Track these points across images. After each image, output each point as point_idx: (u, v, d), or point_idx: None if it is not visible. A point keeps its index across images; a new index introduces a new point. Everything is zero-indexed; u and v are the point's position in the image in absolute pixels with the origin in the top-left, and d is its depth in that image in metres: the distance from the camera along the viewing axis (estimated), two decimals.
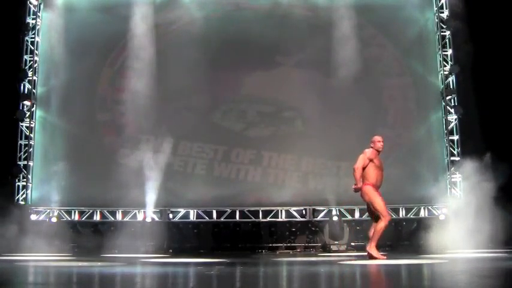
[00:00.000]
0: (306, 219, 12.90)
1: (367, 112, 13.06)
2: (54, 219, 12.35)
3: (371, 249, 8.02)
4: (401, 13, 13.61)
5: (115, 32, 13.21)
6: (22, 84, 13.08)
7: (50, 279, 5.68)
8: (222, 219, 12.96)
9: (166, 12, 13.52)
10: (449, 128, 13.19)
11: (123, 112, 12.97)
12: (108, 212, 12.92)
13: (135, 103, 12.51)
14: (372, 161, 8.09)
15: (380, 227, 7.97)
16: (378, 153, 8.22)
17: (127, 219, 12.83)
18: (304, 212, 12.96)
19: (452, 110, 13.17)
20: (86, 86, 13.33)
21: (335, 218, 12.35)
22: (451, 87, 13.27)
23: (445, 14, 13.50)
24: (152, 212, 12.58)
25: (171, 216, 12.89)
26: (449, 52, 13.48)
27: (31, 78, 13.20)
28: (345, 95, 12.71)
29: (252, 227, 12.99)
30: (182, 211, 12.96)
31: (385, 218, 7.96)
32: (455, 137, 13.19)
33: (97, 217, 12.95)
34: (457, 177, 12.86)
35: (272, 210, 12.96)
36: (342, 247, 11.93)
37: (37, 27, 13.42)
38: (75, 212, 12.95)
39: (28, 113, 13.06)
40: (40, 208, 12.90)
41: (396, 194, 12.16)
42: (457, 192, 12.83)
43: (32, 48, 13.34)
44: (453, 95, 13.21)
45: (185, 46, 12.79)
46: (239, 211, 12.94)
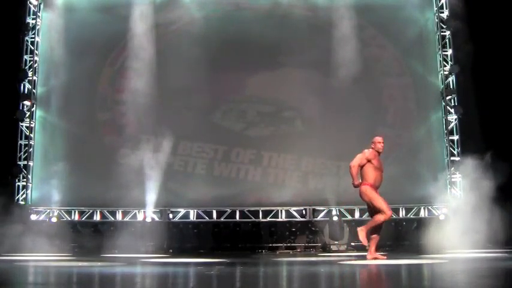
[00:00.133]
0: (306, 219, 12.90)
1: (367, 112, 13.06)
2: (54, 219, 12.35)
3: (360, 231, 8.04)
4: (401, 13, 13.60)
5: (115, 32, 13.21)
6: (22, 84, 13.08)
7: (50, 279, 5.68)
8: (222, 219, 12.96)
9: (166, 12, 13.52)
10: (449, 128, 13.19)
11: (123, 112, 12.97)
12: (108, 212, 12.92)
13: (135, 103, 12.52)
14: (371, 162, 8.08)
15: (378, 218, 7.98)
16: (378, 154, 8.21)
17: (127, 219, 12.84)
18: (304, 212, 12.96)
19: (452, 110, 13.17)
20: (86, 86, 13.33)
21: (335, 218, 12.35)
22: (451, 87, 13.27)
23: (445, 14, 13.50)
24: (152, 212, 12.58)
25: (171, 216, 12.89)
26: (449, 52, 13.48)
27: (31, 78, 13.20)
28: (345, 95, 12.72)
29: (252, 227, 12.99)
30: (182, 211, 12.96)
31: (386, 214, 7.95)
32: (455, 137, 13.19)
33: (97, 217, 12.96)
34: (457, 177, 12.87)
35: (272, 210, 12.96)
36: (342, 247, 11.93)
37: (37, 27, 13.42)
38: (75, 212, 12.95)
39: (28, 113, 13.06)
40: (40, 208, 12.89)
41: (396, 194, 12.15)
42: (457, 192, 12.83)
43: (32, 48, 13.34)
44: (453, 95, 13.21)
45: (185, 46, 12.79)
46: (239, 211, 12.94)
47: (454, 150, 13.13)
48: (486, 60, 11.80)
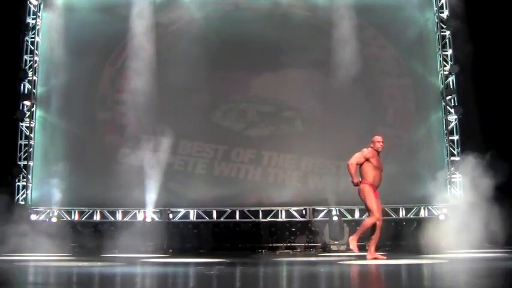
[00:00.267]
0: (306, 219, 12.90)
1: (367, 112, 13.07)
2: (54, 219, 12.35)
3: (351, 241, 8.05)
4: (401, 13, 13.60)
5: (115, 32, 13.21)
6: (22, 84, 13.08)
7: (50, 279, 5.68)
8: (222, 219, 12.96)
9: (166, 12, 13.53)
10: (449, 128, 13.19)
11: (123, 112, 12.98)
12: (108, 212, 12.92)
13: (136, 103, 12.52)
14: (369, 161, 8.08)
15: (367, 222, 8.02)
16: (378, 153, 8.22)
17: (127, 219, 12.84)
18: (304, 212, 12.96)
19: (452, 110, 13.17)
20: (86, 86, 13.33)
21: (335, 218, 12.35)
22: (451, 87, 13.27)
23: (445, 14, 13.50)
24: (152, 212, 12.58)
25: (171, 216, 12.89)
26: (449, 52, 13.48)
27: (31, 78, 13.20)
28: (345, 95, 12.73)
29: (252, 227, 12.99)
30: (182, 211, 12.96)
31: (374, 217, 7.98)
32: (455, 137, 13.19)
33: (97, 217, 12.96)
34: (457, 177, 12.87)
35: (272, 210, 12.96)
36: (342, 247, 11.92)
37: (37, 27, 13.42)
38: (75, 212, 12.95)
39: (28, 113, 13.06)
40: (40, 208, 12.89)
41: (396, 194, 12.18)
42: (457, 192, 12.84)
43: (32, 48, 13.34)
44: (453, 95, 13.21)
45: (185, 46, 12.78)
46: (239, 211, 12.94)
47: (454, 150, 13.13)
48: (486, 60, 11.80)
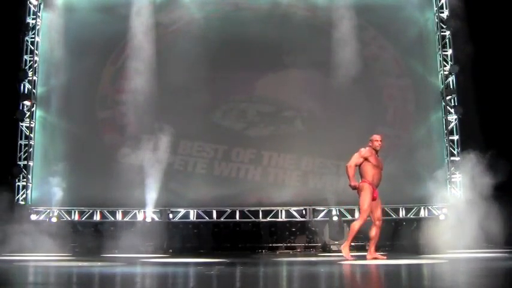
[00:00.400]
0: (306, 219, 12.90)
1: (367, 112, 13.07)
2: (54, 219, 12.35)
3: (344, 248, 8.05)
4: (401, 13, 13.60)
5: (115, 32, 13.21)
6: (22, 84, 13.08)
7: (50, 279, 5.68)
8: (222, 219, 12.96)
9: (166, 12, 13.54)
10: (449, 128, 13.19)
11: (123, 112, 12.97)
12: (108, 212, 12.92)
13: (136, 102, 12.52)
14: (368, 160, 8.08)
15: (353, 226, 8.02)
16: (376, 152, 8.21)
17: (127, 219, 12.84)
18: (304, 212, 12.96)
19: (452, 110, 13.17)
20: (86, 86, 13.33)
21: (335, 218, 12.35)
22: (451, 87, 13.27)
23: (445, 14, 13.50)
24: (152, 212, 12.58)
25: (171, 216, 12.89)
26: (449, 52, 13.48)
27: (31, 78, 13.20)
28: (345, 95, 12.74)
29: (252, 227, 12.99)
30: (182, 211, 12.96)
31: (361, 218, 8.01)
32: (455, 137, 13.19)
33: (97, 217, 12.95)
34: (457, 177, 12.87)
35: (272, 210, 12.96)
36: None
37: (37, 27, 13.42)
38: (75, 212, 12.95)
39: (28, 113, 13.06)
40: (40, 208, 12.89)
41: (396, 194, 12.18)
42: (457, 192, 12.84)
43: (32, 48, 13.34)
44: (453, 95, 13.21)
45: (185, 46, 12.79)
46: (239, 211, 12.94)
47: (454, 150, 13.13)
48: (486, 60, 11.79)
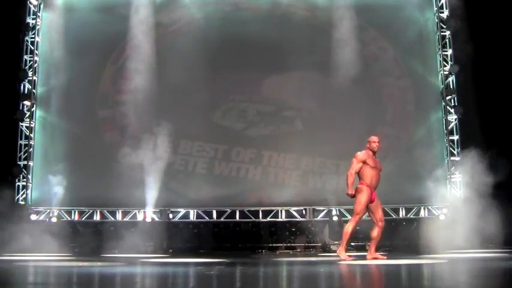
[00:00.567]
0: (306, 219, 12.89)
1: (366, 112, 13.07)
2: (54, 219, 12.36)
3: (340, 252, 8.04)
4: (401, 13, 13.60)
5: (115, 32, 13.21)
6: (22, 84, 13.08)
7: (50, 279, 5.68)
8: (222, 219, 12.96)
9: (166, 12, 13.54)
10: (449, 128, 13.19)
11: (123, 111, 12.98)
12: (108, 212, 12.91)
13: (136, 102, 12.52)
14: (365, 162, 8.06)
15: (347, 229, 8.07)
16: (374, 153, 8.18)
17: (127, 219, 12.83)
18: (304, 212, 12.96)
19: (452, 110, 13.17)
20: (86, 86, 13.33)
21: (335, 218, 12.35)
22: (451, 87, 13.27)
23: (445, 14, 13.50)
24: (152, 212, 12.58)
25: (171, 216, 12.89)
26: (449, 52, 13.48)
27: (31, 78, 13.20)
28: (345, 95, 12.74)
29: (252, 227, 12.99)
30: (182, 211, 12.96)
31: (354, 221, 8.05)
32: (455, 137, 13.19)
33: (97, 217, 12.95)
34: (457, 177, 12.87)
35: (272, 210, 12.96)
36: None
37: (37, 27, 13.42)
38: (75, 212, 12.94)
39: (28, 113, 13.06)
40: (40, 208, 12.89)
41: (396, 194, 12.19)
42: (457, 192, 12.83)
43: (32, 48, 13.34)
44: (453, 95, 13.21)
45: (185, 46, 12.78)
46: (239, 211, 12.94)
47: (454, 150, 13.13)
48: (486, 60, 11.80)
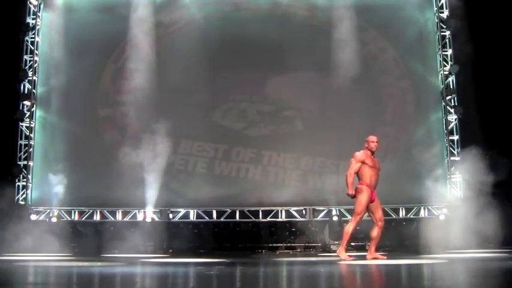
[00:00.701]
0: (306, 219, 12.89)
1: (366, 112, 13.07)
2: (54, 219, 12.36)
3: (340, 252, 8.03)
4: (401, 13, 13.61)
5: (115, 32, 13.21)
6: (22, 84, 13.08)
7: (50, 279, 5.68)
8: (222, 219, 12.96)
9: (166, 12, 13.54)
10: (449, 128, 13.19)
11: (124, 111, 12.99)
12: (108, 212, 12.91)
13: (136, 102, 12.52)
14: (364, 162, 8.06)
15: (347, 230, 8.07)
16: (372, 153, 8.18)
17: (127, 219, 12.83)
18: (304, 212, 12.95)
19: (452, 110, 13.17)
20: (86, 86, 13.34)
21: (335, 218, 12.35)
22: (451, 87, 13.27)
23: (445, 14, 13.50)
24: (152, 212, 12.57)
25: (171, 216, 12.89)
26: (449, 52, 13.48)
27: (31, 78, 13.20)
28: (345, 95, 12.74)
29: (252, 227, 12.98)
30: (182, 211, 12.96)
31: (354, 221, 8.06)
32: (455, 137, 13.19)
33: (97, 217, 12.95)
34: (457, 177, 12.86)
35: (272, 210, 12.96)
36: None
37: (37, 27, 13.42)
38: (75, 212, 12.94)
39: (28, 113, 13.06)
40: (40, 208, 12.89)
41: (396, 194, 12.19)
42: (457, 192, 12.83)
43: (32, 48, 13.34)
44: (453, 95, 13.21)
45: (185, 46, 12.80)
46: (239, 211, 12.94)
47: (454, 150, 13.13)
48: (486, 60, 11.80)
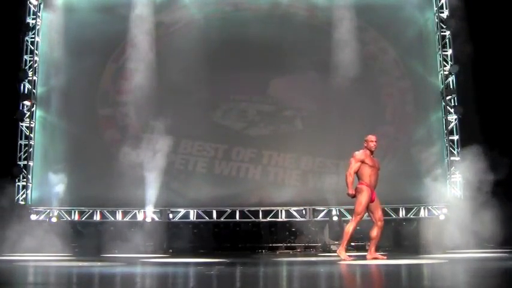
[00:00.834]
0: (306, 219, 12.89)
1: (366, 112, 13.07)
2: (54, 219, 12.36)
3: (340, 252, 8.03)
4: (401, 13, 13.60)
5: (115, 32, 13.20)
6: (22, 84, 13.08)
7: (50, 279, 5.68)
8: (222, 219, 12.96)
9: (166, 12, 13.55)
10: (449, 128, 13.19)
11: (124, 111, 13.00)
12: (108, 212, 12.91)
13: (136, 102, 12.52)
14: (364, 162, 8.06)
15: (347, 229, 8.08)
16: (371, 152, 8.18)
17: (127, 219, 12.83)
18: (304, 212, 12.95)
19: (452, 110, 13.17)
20: (86, 86, 13.34)
21: (335, 218, 12.35)
22: (451, 87, 13.27)
23: (445, 14, 13.50)
24: (152, 212, 12.57)
25: (171, 216, 12.89)
26: (449, 52, 13.47)
27: (31, 78, 13.20)
28: (345, 95, 12.72)
29: (252, 227, 12.98)
30: (182, 211, 12.96)
31: (354, 221, 8.06)
32: (455, 137, 13.19)
33: (97, 217, 12.95)
34: (457, 177, 12.86)
35: (272, 210, 12.96)
36: None
37: (37, 27, 13.41)
38: (75, 212, 12.94)
39: (28, 113, 13.06)
40: (40, 208, 12.89)
41: (396, 194, 12.19)
42: (457, 192, 12.83)
43: (32, 48, 13.34)
44: (453, 95, 13.21)
45: (185, 46, 12.79)
46: (239, 211, 12.93)
47: (454, 150, 13.13)
48: (486, 60, 11.80)
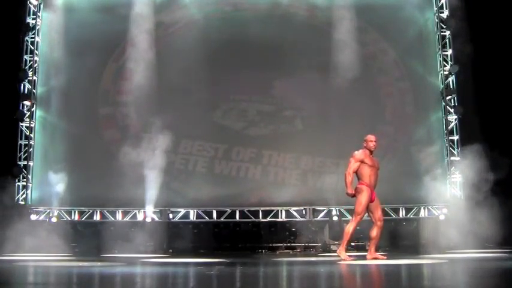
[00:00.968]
0: (306, 219, 12.89)
1: (366, 112, 13.07)
2: (54, 219, 12.36)
3: (340, 252, 8.02)
4: (401, 13, 13.61)
5: (115, 32, 13.20)
6: (22, 84, 13.08)
7: (50, 279, 5.68)
8: (222, 219, 12.96)
9: (166, 12, 13.55)
10: (449, 128, 13.19)
11: (124, 111, 13.00)
12: (108, 212, 12.91)
13: (136, 102, 12.53)
14: (363, 161, 8.06)
15: (347, 230, 8.07)
16: (371, 152, 8.17)
17: (127, 219, 12.83)
18: (304, 212, 12.95)
19: (452, 110, 13.17)
20: (86, 86, 13.33)
21: (335, 218, 12.35)
22: (451, 87, 13.27)
23: (445, 14, 13.50)
24: (152, 212, 12.57)
25: (171, 216, 12.89)
26: (449, 52, 13.47)
27: (31, 78, 13.20)
28: (345, 95, 12.72)
29: (252, 227, 12.99)
30: (182, 211, 12.96)
31: (355, 221, 8.05)
32: (455, 137, 13.19)
33: (97, 217, 12.95)
34: (457, 177, 12.86)
35: (272, 210, 12.96)
36: None
37: (37, 27, 13.41)
38: (75, 212, 12.94)
39: (28, 113, 13.06)
40: (40, 208, 12.89)
41: (396, 194, 12.19)
42: (457, 192, 12.83)
43: (32, 48, 13.34)
44: (453, 95, 13.21)
45: (185, 46, 12.81)
46: (239, 211, 12.93)
47: (454, 150, 13.13)
48: (486, 60, 11.80)
